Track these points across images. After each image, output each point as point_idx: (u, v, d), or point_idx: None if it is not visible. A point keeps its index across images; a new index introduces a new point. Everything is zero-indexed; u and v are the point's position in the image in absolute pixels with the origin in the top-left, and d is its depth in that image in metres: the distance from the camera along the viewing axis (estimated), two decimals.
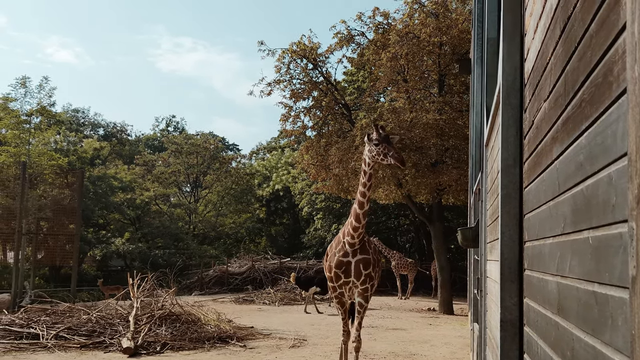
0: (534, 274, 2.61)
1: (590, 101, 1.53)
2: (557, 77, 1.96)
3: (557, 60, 1.96)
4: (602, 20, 1.40)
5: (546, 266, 2.26)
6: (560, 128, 1.93)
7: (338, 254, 7.75)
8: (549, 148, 2.16)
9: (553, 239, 2.11)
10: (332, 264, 7.78)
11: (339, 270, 7.71)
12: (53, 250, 22.95)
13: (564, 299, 1.90)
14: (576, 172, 1.71)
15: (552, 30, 2.04)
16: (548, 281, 2.20)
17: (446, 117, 17.64)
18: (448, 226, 25.89)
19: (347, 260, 7.66)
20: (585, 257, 1.60)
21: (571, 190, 1.78)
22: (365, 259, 7.68)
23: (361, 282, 7.67)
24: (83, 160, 34.07)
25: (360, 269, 7.63)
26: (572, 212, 1.77)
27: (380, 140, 7.27)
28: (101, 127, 53.59)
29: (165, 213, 36.98)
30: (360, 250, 7.71)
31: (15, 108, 24.85)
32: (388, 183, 18.80)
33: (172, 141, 41.37)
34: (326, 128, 21.34)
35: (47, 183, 24.25)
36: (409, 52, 18.09)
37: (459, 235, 7.31)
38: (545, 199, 2.24)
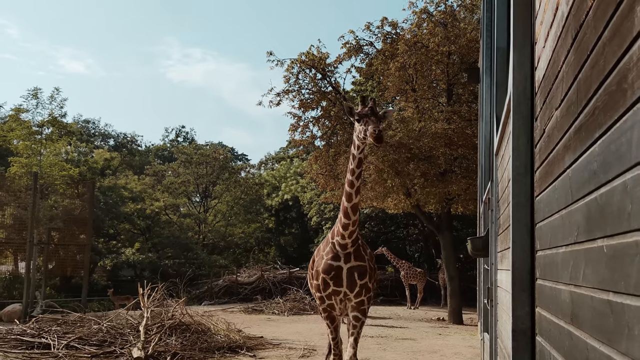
0: (546, 283, 2.59)
1: (604, 109, 1.53)
2: (569, 85, 1.96)
3: (569, 68, 1.95)
4: (616, 27, 1.40)
5: (559, 275, 2.25)
6: (573, 136, 1.93)
7: (327, 256, 6.47)
8: (560, 156, 2.16)
9: (566, 248, 2.10)
10: (320, 268, 6.49)
11: (328, 276, 6.40)
12: (64, 260, 23.04)
13: (577, 308, 1.89)
14: (589, 180, 1.70)
15: (564, 38, 2.04)
16: (561, 290, 2.18)
17: (455, 126, 17.61)
18: (457, 236, 25.78)
19: (338, 265, 6.36)
20: (599, 266, 1.59)
21: (584, 198, 1.77)
22: (361, 267, 6.38)
23: (355, 294, 6.41)
24: (94, 171, 34.26)
25: (354, 278, 6.35)
26: (586, 221, 1.77)
27: (362, 115, 5.90)
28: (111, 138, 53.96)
29: (175, 223, 37.07)
30: (355, 255, 6.40)
31: (27, 119, 25.04)
32: (397, 192, 18.76)
33: (182, 151, 41.54)
34: (335, 138, 21.36)
35: (59, 193, 24.37)
36: (417, 61, 18.11)
37: (469, 245, 7.29)
38: (558, 207, 2.23)
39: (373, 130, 5.58)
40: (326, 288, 6.44)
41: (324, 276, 6.41)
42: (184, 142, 56.72)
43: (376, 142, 5.64)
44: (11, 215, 22.18)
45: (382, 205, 20.32)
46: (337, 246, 6.37)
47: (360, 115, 5.89)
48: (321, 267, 6.46)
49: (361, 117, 5.86)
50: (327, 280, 6.41)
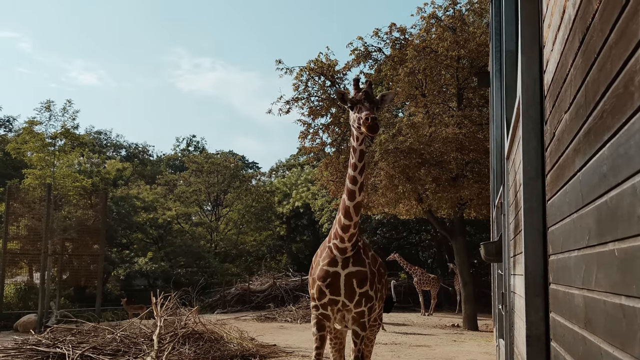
0: (559, 288, 2.58)
1: (612, 112, 1.52)
2: (577, 88, 1.95)
3: (577, 71, 1.95)
4: (622, 30, 1.40)
5: (572, 279, 2.23)
6: (582, 139, 1.92)
7: (323, 262, 5.69)
8: (571, 160, 2.15)
9: (578, 252, 2.09)
10: (316, 275, 5.73)
11: (323, 284, 5.60)
12: (78, 270, 23.19)
13: (590, 313, 1.88)
14: (599, 183, 1.69)
15: (571, 41, 2.04)
16: (574, 295, 2.17)
17: (466, 130, 17.56)
18: (470, 241, 25.65)
19: (335, 271, 5.58)
20: (611, 270, 1.58)
21: (595, 202, 1.77)
22: (360, 273, 5.59)
23: (355, 304, 5.62)
24: (106, 181, 34.47)
25: (352, 285, 5.57)
26: (597, 224, 1.76)
27: (355, 101, 5.12)
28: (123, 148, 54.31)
29: (187, 232, 37.20)
30: (354, 259, 5.62)
31: (40, 131, 25.26)
32: (408, 198, 18.71)
33: (193, 160, 41.72)
34: (345, 144, 21.37)
35: (72, 204, 24.54)
36: (426, 66, 18.10)
37: (482, 250, 7.25)
38: (569, 211, 2.22)
39: (365, 118, 4.80)
40: (322, 297, 5.65)
41: (320, 284, 5.63)
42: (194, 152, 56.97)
43: (369, 132, 4.85)
44: (26, 226, 22.35)
45: (394, 211, 20.28)
46: (335, 250, 5.60)
47: (352, 101, 5.12)
48: (317, 273, 5.71)
49: (354, 104, 5.10)
50: (322, 288, 5.62)
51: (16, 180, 26.11)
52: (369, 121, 4.80)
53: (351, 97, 5.18)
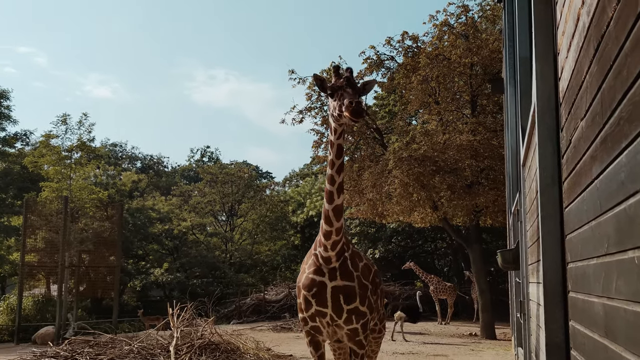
0: (578, 296, 2.56)
1: (629, 119, 1.52)
2: (593, 95, 1.95)
3: (593, 78, 1.94)
4: (637, 38, 1.40)
5: (591, 287, 2.22)
6: (599, 147, 1.91)
7: (309, 270, 5.22)
8: (588, 167, 2.14)
9: (597, 260, 2.07)
10: (301, 283, 5.26)
11: (309, 293, 5.13)
12: (94, 282, 23.35)
13: (611, 321, 1.86)
14: (618, 191, 1.68)
15: (586, 49, 2.04)
16: (594, 303, 2.15)
17: (480, 137, 17.48)
18: (487, 248, 25.48)
19: (320, 280, 5.08)
20: (631, 278, 1.57)
21: (613, 209, 1.76)
22: (348, 288, 5.07)
23: (345, 321, 5.12)
24: (122, 193, 34.75)
25: (339, 301, 5.07)
26: (616, 232, 1.75)
27: (336, 88, 4.71)
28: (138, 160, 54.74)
29: (202, 242, 37.33)
30: (341, 271, 5.09)
31: (56, 144, 25.57)
32: (423, 206, 18.63)
33: (207, 171, 41.93)
34: (358, 153, 21.36)
35: (88, 216, 24.76)
36: (439, 74, 18.07)
37: (499, 258, 7.21)
38: (587, 218, 2.21)
39: (349, 103, 4.38)
40: (308, 307, 5.17)
41: (305, 293, 5.16)
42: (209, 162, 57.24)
43: (353, 117, 4.40)
44: (43, 239, 22.57)
45: (409, 219, 20.20)
46: (320, 259, 5.09)
47: (333, 88, 4.71)
48: (302, 281, 5.24)
49: (335, 91, 4.68)
50: (308, 298, 5.14)
51: (33, 194, 26.40)
52: (353, 105, 4.37)
53: (331, 84, 4.78)
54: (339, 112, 4.56)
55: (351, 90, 4.60)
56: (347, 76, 4.75)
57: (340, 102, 4.55)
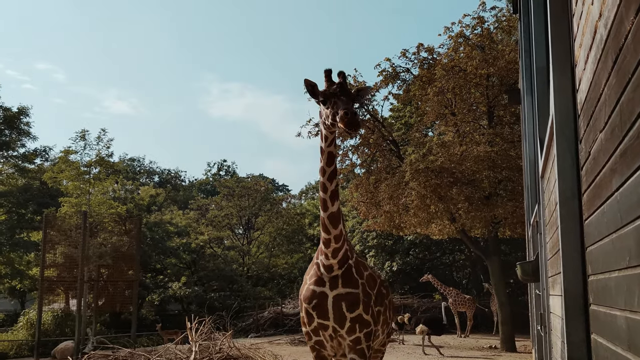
0: (600, 309, 2.53)
1: None
2: (612, 108, 1.94)
3: (611, 91, 1.94)
4: None
5: (613, 300, 2.20)
6: (619, 159, 1.90)
7: (310, 281, 4.98)
8: (608, 179, 2.13)
9: (618, 273, 2.05)
10: (302, 296, 5.03)
11: (310, 306, 4.88)
12: (113, 296, 23.48)
13: (634, 335, 1.84)
14: (639, 204, 1.67)
15: (604, 61, 2.03)
16: (616, 316, 2.13)
17: (497, 148, 17.40)
18: (506, 260, 25.25)
19: (321, 291, 4.83)
20: None
21: (634, 222, 1.74)
22: (351, 295, 4.80)
23: (348, 331, 4.82)
24: (140, 207, 35.00)
25: (342, 309, 4.78)
26: (637, 245, 1.73)
27: (328, 95, 4.45)
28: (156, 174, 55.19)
29: (220, 256, 37.43)
30: (344, 279, 4.83)
31: (75, 160, 25.88)
32: (441, 218, 18.55)
33: (224, 185, 42.13)
34: (375, 165, 21.33)
35: (107, 231, 24.97)
36: (455, 85, 18.04)
37: (519, 270, 7.14)
38: (608, 231, 2.19)
39: (344, 113, 4.08)
40: (310, 321, 4.93)
41: (306, 306, 4.91)
42: (225, 176, 57.56)
43: (348, 129, 4.12)
44: (62, 254, 22.77)
45: (427, 231, 20.11)
46: (322, 268, 4.87)
47: (325, 94, 4.45)
48: (303, 294, 4.99)
49: (327, 98, 4.43)
50: (309, 310, 4.89)
51: (53, 209, 26.70)
52: (348, 116, 4.08)
53: (323, 90, 4.51)
54: (332, 121, 4.36)
55: (345, 99, 4.35)
56: (341, 82, 4.46)
57: (333, 111, 4.33)
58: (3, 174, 31.76)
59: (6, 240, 30.01)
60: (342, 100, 4.31)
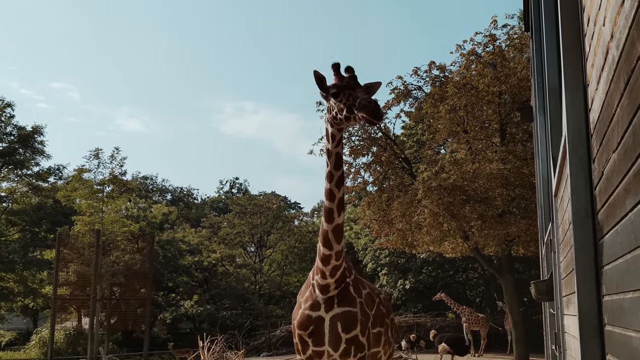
0: (615, 330, 2.51)
1: None
2: (624, 128, 1.94)
3: (624, 112, 1.94)
4: None
5: (628, 321, 2.18)
6: (632, 180, 1.90)
7: (304, 304, 4.49)
8: (621, 200, 2.12)
9: (633, 294, 2.04)
10: (296, 321, 4.54)
11: (305, 332, 4.42)
12: (125, 314, 23.52)
13: None
14: None
15: (616, 82, 2.04)
16: (632, 337, 2.11)
17: (510, 166, 17.35)
18: (519, 278, 25.02)
19: (317, 315, 4.37)
20: None
21: None
22: (347, 315, 4.34)
23: (342, 354, 4.35)
24: (153, 225, 35.15)
25: (337, 330, 4.32)
26: None
27: (342, 87, 4.07)
28: (169, 193, 55.47)
29: (232, 274, 37.43)
30: (340, 299, 4.37)
31: (89, 178, 26.11)
32: (454, 236, 18.47)
33: (236, 202, 42.23)
34: (387, 183, 21.32)
35: (120, 249, 25.08)
36: (467, 103, 18.06)
37: (533, 289, 7.08)
38: (622, 251, 2.18)
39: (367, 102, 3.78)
40: (305, 349, 4.45)
41: (300, 332, 4.44)
42: (238, 194, 57.71)
43: (373, 118, 3.76)
44: (75, 272, 22.88)
45: (439, 249, 20.02)
46: (317, 288, 4.39)
47: (338, 87, 4.09)
48: (297, 319, 4.51)
49: (341, 90, 4.06)
50: (304, 337, 4.42)
51: (66, 227, 26.89)
52: (372, 104, 3.73)
53: (334, 83, 4.17)
54: (348, 114, 3.96)
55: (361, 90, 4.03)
56: (353, 75, 4.15)
57: (349, 103, 3.95)
58: (17, 193, 32.07)
59: (19, 258, 30.21)
60: (358, 92, 3.99)
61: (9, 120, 30.39)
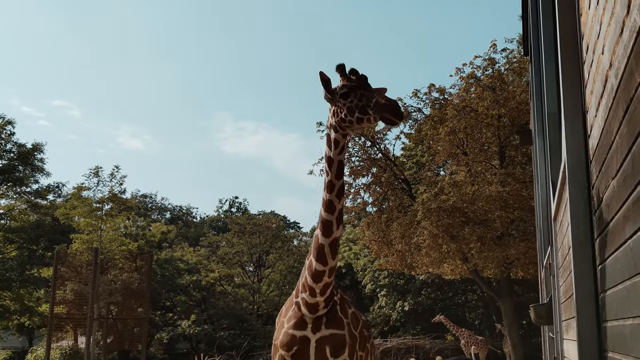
0: (615, 356, 2.51)
1: None
2: (623, 156, 1.96)
3: (623, 139, 1.96)
4: None
5: (629, 348, 2.18)
6: (631, 207, 1.91)
7: (288, 323, 4.15)
8: (621, 226, 2.13)
9: (633, 320, 2.04)
10: (278, 341, 4.19)
11: (288, 354, 4.08)
12: (122, 334, 23.33)
13: None
14: None
15: (615, 110, 2.06)
16: None
17: (510, 188, 17.38)
18: (519, 301, 24.92)
19: (302, 335, 4.06)
20: None
21: None
22: (336, 338, 4.07)
23: None
24: (151, 244, 35.04)
25: (325, 354, 4.03)
26: None
27: (351, 88, 3.70)
28: (168, 211, 55.38)
29: (230, 294, 37.23)
30: (328, 319, 4.08)
31: (88, 196, 26.09)
32: (453, 258, 18.44)
33: (235, 222, 42.14)
34: (386, 203, 21.34)
35: (118, 268, 24.98)
36: (467, 125, 18.16)
37: (532, 313, 7.06)
38: (622, 278, 2.19)
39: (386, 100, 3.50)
40: None
41: (283, 353, 4.10)
42: (237, 213, 57.62)
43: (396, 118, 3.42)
44: (72, 290, 22.75)
45: (439, 271, 19.98)
46: (304, 307, 4.07)
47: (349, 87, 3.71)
48: (279, 339, 4.17)
49: (351, 90, 3.69)
50: (286, 359, 4.09)
51: (64, 245, 26.79)
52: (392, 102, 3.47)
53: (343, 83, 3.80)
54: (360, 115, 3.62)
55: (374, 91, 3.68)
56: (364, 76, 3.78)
57: (362, 103, 3.62)
58: (15, 210, 32.02)
59: (16, 276, 30.05)
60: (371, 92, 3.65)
61: (9, 137, 30.41)
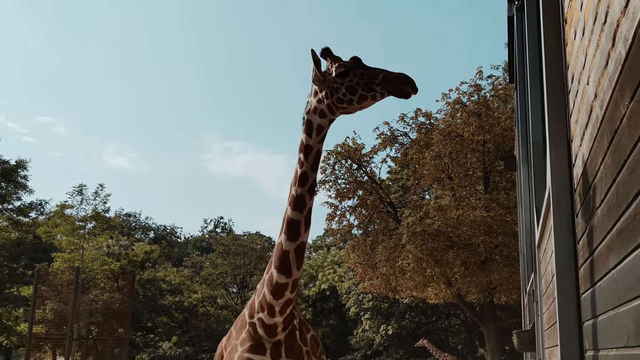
0: None
1: None
2: (608, 186, 1.97)
3: (607, 170, 1.97)
4: None
5: None
6: (616, 238, 1.92)
7: (242, 346, 3.43)
8: (604, 256, 2.14)
9: (616, 351, 2.04)
10: None
11: None
12: (102, 355, 22.94)
13: None
14: (635, 284, 1.68)
15: (600, 140, 2.08)
16: None
17: (494, 214, 17.46)
18: (501, 326, 24.89)
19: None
20: None
21: (632, 302, 1.74)
22: None
23: None
24: (134, 264, 34.66)
25: None
26: (635, 325, 1.73)
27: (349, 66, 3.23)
28: (152, 230, 54.89)
29: (213, 315, 36.87)
30: (288, 347, 3.42)
31: (71, 214, 25.79)
32: (437, 282, 18.42)
33: (220, 242, 41.88)
34: (372, 226, 21.34)
35: (99, 287, 24.65)
36: (452, 150, 18.28)
37: (515, 339, 7.06)
38: (605, 308, 2.19)
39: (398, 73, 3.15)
40: None
41: None
42: (222, 233, 57.27)
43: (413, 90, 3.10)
44: (52, 310, 22.38)
45: (422, 295, 19.94)
46: (261, 328, 3.39)
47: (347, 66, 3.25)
48: None
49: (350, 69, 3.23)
50: None
51: (45, 264, 26.41)
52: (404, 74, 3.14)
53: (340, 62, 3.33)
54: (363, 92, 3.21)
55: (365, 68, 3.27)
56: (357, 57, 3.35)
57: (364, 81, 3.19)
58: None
59: None
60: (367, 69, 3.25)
61: None
